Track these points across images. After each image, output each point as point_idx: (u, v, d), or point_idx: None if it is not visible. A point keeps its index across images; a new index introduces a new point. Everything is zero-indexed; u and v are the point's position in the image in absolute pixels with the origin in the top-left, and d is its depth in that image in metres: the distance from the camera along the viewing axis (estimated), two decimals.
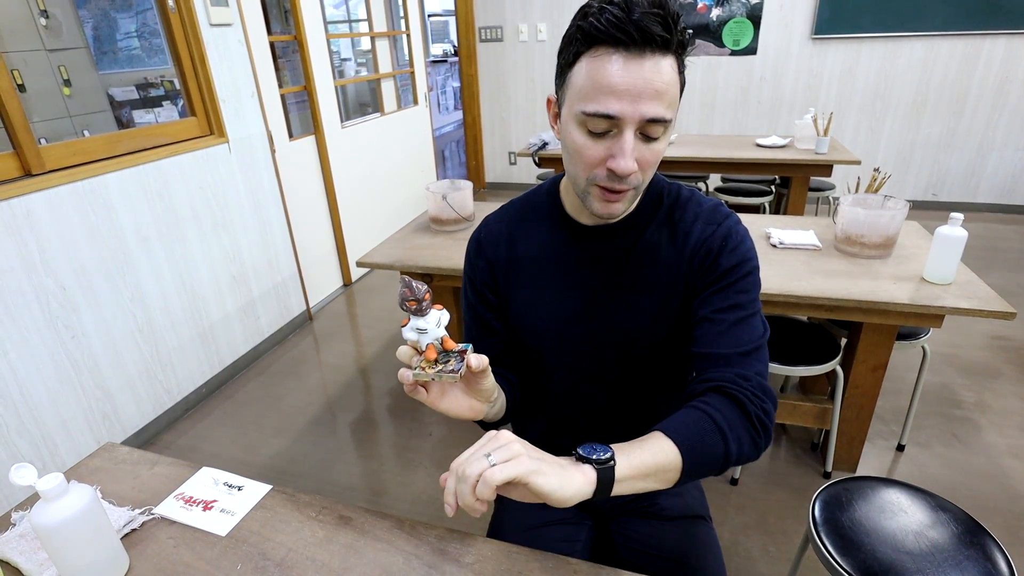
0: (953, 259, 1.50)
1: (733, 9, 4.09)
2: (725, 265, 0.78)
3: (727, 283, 0.78)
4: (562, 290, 0.84)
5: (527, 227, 0.87)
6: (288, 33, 2.91)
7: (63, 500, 0.68)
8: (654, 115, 0.65)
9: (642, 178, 0.71)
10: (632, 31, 0.62)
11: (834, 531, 1.01)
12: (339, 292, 3.38)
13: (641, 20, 0.61)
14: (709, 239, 0.79)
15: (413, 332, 0.65)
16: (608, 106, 0.65)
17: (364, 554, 0.76)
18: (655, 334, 0.82)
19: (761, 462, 1.90)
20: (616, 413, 0.91)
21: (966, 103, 3.94)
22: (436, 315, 0.65)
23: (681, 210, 0.82)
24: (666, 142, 0.71)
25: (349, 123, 3.31)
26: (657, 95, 0.64)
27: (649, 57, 0.63)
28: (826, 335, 1.74)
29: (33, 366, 1.75)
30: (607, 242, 0.82)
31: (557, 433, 0.97)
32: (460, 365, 0.65)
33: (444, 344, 0.66)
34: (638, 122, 0.65)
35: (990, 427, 2.00)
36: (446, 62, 8.29)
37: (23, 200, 1.69)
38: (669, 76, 0.65)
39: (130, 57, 3.01)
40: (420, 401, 0.68)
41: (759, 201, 3.25)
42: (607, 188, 0.71)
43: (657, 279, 0.81)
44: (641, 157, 0.68)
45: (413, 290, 0.62)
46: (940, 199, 4.25)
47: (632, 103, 0.64)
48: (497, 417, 0.84)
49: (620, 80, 0.64)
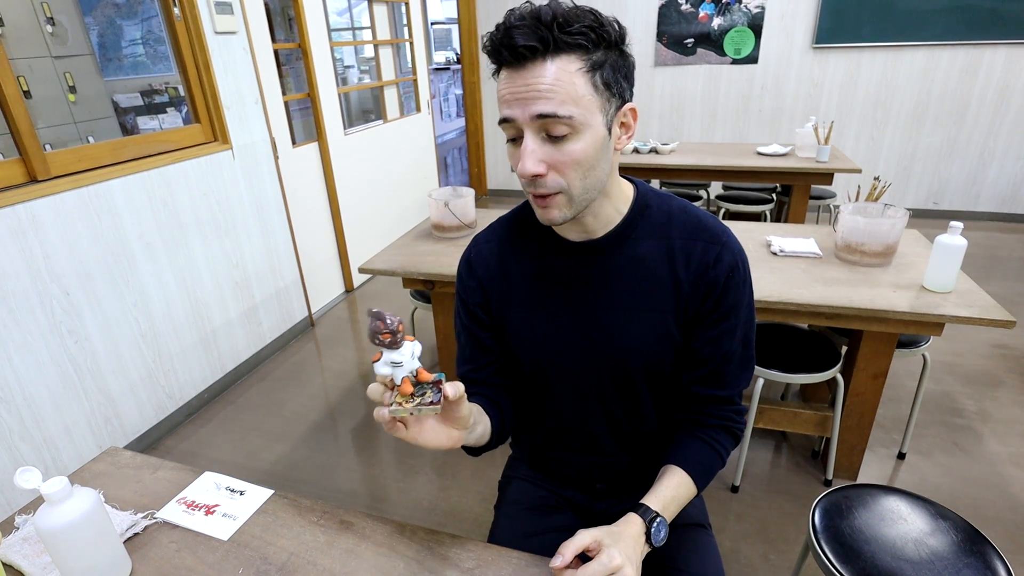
0: (953, 267, 1.51)
1: (734, 18, 4.12)
2: (731, 300, 0.80)
3: (734, 322, 0.81)
4: (554, 308, 0.84)
5: (516, 246, 0.87)
6: (292, 41, 2.93)
7: (67, 504, 0.69)
8: (543, 111, 0.66)
9: (565, 181, 0.70)
10: (502, 49, 0.66)
11: (834, 539, 1.01)
12: (341, 298, 3.39)
13: (507, 38, 0.65)
14: (714, 267, 0.78)
15: (387, 367, 0.63)
16: (504, 111, 0.69)
17: (365, 559, 0.76)
18: (649, 349, 0.82)
19: (761, 469, 1.90)
20: (611, 426, 0.91)
21: (967, 112, 3.95)
22: (410, 347, 0.63)
23: (678, 225, 0.81)
24: (585, 143, 0.68)
25: (352, 130, 3.33)
26: (542, 95, 0.66)
27: (529, 66, 0.66)
28: (826, 343, 1.75)
29: (36, 370, 1.75)
30: (596, 257, 0.81)
31: (553, 446, 0.98)
32: (438, 396, 0.63)
33: (419, 376, 0.64)
34: (530, 122, 0.68)
35: (991, 436, 2.00)
36: (448, 70, 8.34)
37: (28, 206, 1.70)
38: (557, 76, 0.65)
39: (135, 64, 3.04)
40: (400, 438, 0.66)
41: (760, 209, 3.26)
42: (534, 194, 0.73)
43: (651, 296, 0.80)
44: (551, 159, 0.69)
45: (386, 323, 0.60)
46: (941, 208, 4.25)
47: (520, 107, 0.67)
48: (480, 442, 0.82)
49: (508, 91, 0.68)
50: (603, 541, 0.68)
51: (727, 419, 0.86)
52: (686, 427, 0.87)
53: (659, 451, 0.88)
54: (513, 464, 1.10)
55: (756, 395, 1.70)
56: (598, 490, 1.00)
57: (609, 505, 0.99)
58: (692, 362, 0.84)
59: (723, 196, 3.40)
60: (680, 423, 0.88)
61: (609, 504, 0.99)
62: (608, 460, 0.95)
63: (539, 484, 1.03)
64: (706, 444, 0.84)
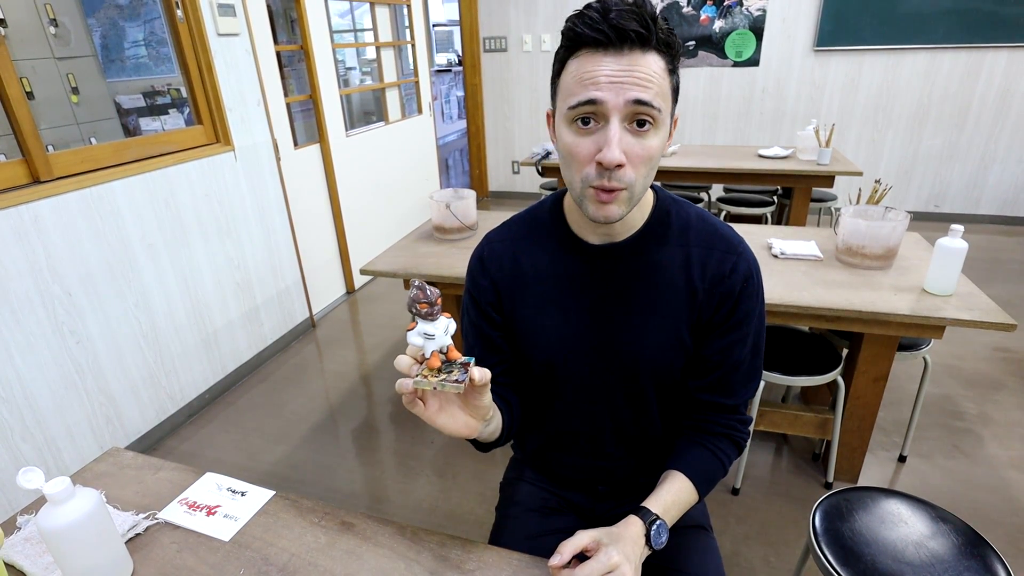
0: (954, 270, 1.51)
1: (736, 21, 4.12)
2: (745, 309, 0.80)
3: (746, 330, 0.81)
4: (568, 310, 0.83)
5: (531, 245, 0.86)
6: (294, 43, 2.94)
7: (69, 504, 0.69)
8: (639, 97, 0.65)
9: (635, 176, 0.69)
10: (607, 30, 0.64)
11: (835, 541, 1.01)
12: (342, 299, 3.40)
13: (616, 19, 0.63)
14: (729, 277, 0.78)
15: (419, 337, 0.62)
16: (591, 93, 0.66)
17: (366, 560, 0.76)
18: (661, 356, 0.82)
19: (762, 472, 1.90)
20: (617, 431, 0.91)
21: (968, 115, 3.95)
22: (445, 322, 0.63)
23: (696, 233, 0.81)
24: (659, 141, 0.69)
25: (354, 132, 3.34)
26: (640, 82, 0.65)
27: (628, 53, 0.65)
28: (827, 345, 1.75)
29: (38, 371, 1.76)
30: (614, 261, 0.81)
31: (557, 447, 0.97)
32: (464, 376, 0.62)
33: (449, 354, 0.64)
34: (623, 109, 0.65)
35: (992, 439, 2.00)
36: (450, 71, 8.34)
37: (31, 207, 1.71)
38: (654, 68, 0.66)
39: (137, 65, 3.05)
40: (416, 414, 0.67)
41: (761, 211, 3.26)
42: (599, 188, 0.69)
43: (666, 302, 0.80)
44: (630, 151, 0.67)
45: (426, 292, 0.60)
46: (942, 211, 4.25)
47: (614, 91, 0.65)
48: (491, 438, 0.81)
49: (602, 73, 0.65)
50: (602, 541, 0.69)
51: (731, 428, 0.86)
52: (690, 434, 0.87)
53: (663, 456, 0.88)
54: (515, 465, 1.10)
55: (757, 397, 1.70)
56: (600, 492, 1.00)
57: (611, 507, 0.99)
58: (701, 369, 0.84)
59: (724, 198, 3.40)
60: (684, 429, 0.89)
61: (611, 506, 0.99)
62: (612, 463, 0.95)
63: (541, 486, 1.03)
64: (709, 451, 0.85)
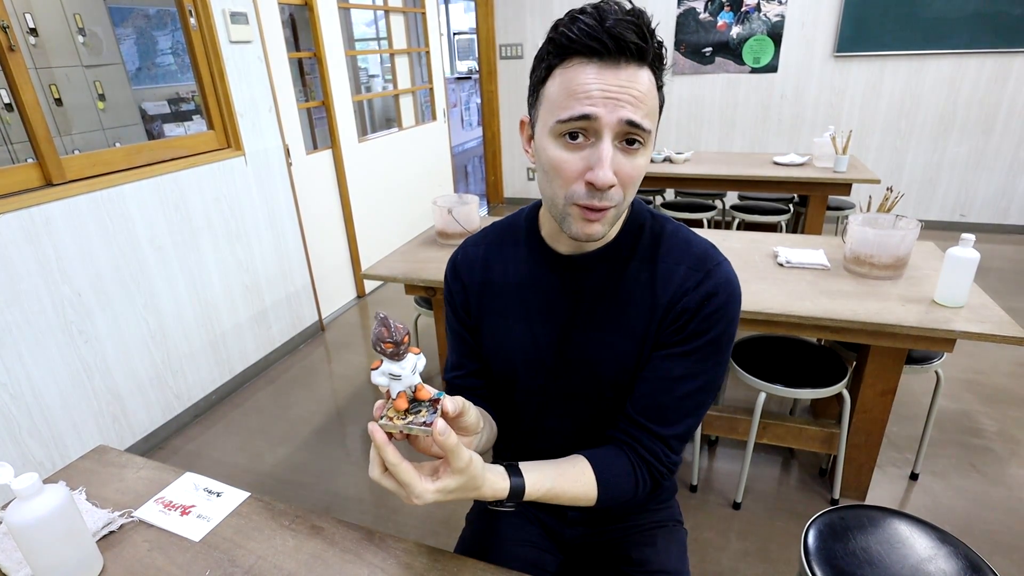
0: (965, 281, 1.45)
1: (753, 27, 4.07)
2: (696, 329, 0.73)
3: (693, 353, 0.74)
4: (534, 320, 0.81)
5: (503, 252, 0.84)
6: (311, 50, 2.98)
7: (37, 500, 0.70)
8: (632, 118, 0.61)
9: (623, 195, 0.66)
10: (606, 39, 0.59)
11: (827, 561, 0.97)
12: (352, 303, 3.42)
13: (615, 28, 0.59)
14: (689, 294, 0.73)
15: (384, 377, 0.58)
16: (585, 108, 0.61)
17: (330, 565, 0.76)
18: (623, 374, 0.78)
19: (766, 486, 1.84)
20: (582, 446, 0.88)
21: (995, 122, 3.83)
22: (412, 360, 0.58)
23: (666, 248, 0.76)
24: (647, 159, 0.66)
25: (367, 137, 3.37)
26: (635, 101, 0.61)
27: (625, 67, 0.61)
28: (834, 358, 1.70)
29: (47, 369, 1.80)
30: (583, 273, 0.77)
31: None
32: (432, 417, 0.59)
33: (418, 392, 0.60)
34: (616, 127, 0.61)
35: (1012, 458, 1.92)
36: (471, 79, 8.39)
37: (43, 209, 1.75)
38: (647, 86, 0.63)
39: (164, 73, 3.13)
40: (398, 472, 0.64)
41: (776, 219, 3.20)
42: (587, 206, 0.65)
43: (629, 318, 0.76)
44: (621, 170, 0.64)
45: (391, 330, 0.56)
46: (968, 220, 4.12)
47: (609, 107, 0.61)
48: (488, 446, 0.79)
49: (596, 86, 0.61)
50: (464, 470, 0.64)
51: (655, 456, 0.76)
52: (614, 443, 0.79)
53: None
54: None
55: (758, 409, 1.66)
56: (570, 518, 0.95)
57: (582, 534, 0.95)
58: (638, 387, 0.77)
59: (738, 206, 3.35)
60: (607, 438, 0.81)
61: (581, 532, 0.95)
62: None
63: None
64: (630, 466, 0.76)
